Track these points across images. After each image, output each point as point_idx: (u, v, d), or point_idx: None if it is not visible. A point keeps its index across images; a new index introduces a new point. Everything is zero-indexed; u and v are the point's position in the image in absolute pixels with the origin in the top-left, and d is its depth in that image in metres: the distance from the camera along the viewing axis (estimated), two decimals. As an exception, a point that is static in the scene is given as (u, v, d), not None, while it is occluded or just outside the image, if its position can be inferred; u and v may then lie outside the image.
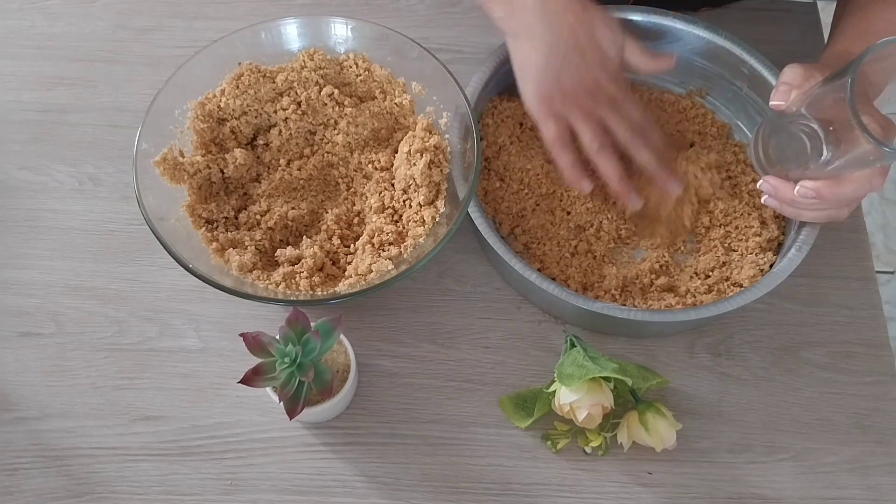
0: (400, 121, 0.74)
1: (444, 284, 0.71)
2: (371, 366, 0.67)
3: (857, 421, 0.66)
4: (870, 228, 1.36)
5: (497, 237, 0.65)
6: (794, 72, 0.63)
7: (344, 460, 0.64)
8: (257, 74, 0.72)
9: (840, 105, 0.53)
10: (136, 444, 0.64)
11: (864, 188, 0.58)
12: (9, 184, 0.75)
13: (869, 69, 0.62)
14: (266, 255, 0.68)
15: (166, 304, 0.70)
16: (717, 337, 0.69)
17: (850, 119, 0.52)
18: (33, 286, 0.70)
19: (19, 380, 0.66)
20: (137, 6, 0.86)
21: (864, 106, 0.54)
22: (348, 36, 0.74)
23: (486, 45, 0.82)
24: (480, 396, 0.66)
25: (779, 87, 0.62)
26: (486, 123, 0.75)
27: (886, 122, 0.57)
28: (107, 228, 0.73)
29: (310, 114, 0.73)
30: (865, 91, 0.63)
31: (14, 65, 0.82)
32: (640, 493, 0.63)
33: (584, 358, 0.61)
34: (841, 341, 0.69)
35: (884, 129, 0.56)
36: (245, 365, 0.58)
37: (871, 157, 0.54)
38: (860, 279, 0.72)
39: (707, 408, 0.66)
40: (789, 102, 0.60)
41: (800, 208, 0.62)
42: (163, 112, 0.69)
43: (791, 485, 0.63)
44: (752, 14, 0.85)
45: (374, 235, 0.67)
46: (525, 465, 0.64)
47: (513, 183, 0.72)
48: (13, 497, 0.62)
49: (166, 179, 0.68)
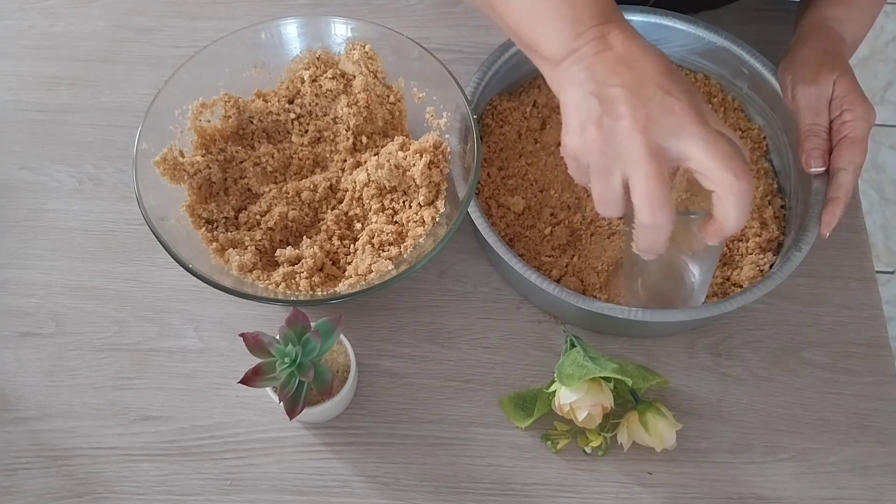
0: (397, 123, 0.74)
1: (444, 284, 0.71)
2: (371, 366, 0.67)
3: (857, 421, 0.66)
4: (870, 228, 1.36)
5: (497, 237, 0.65)
6: (807, 99, 0.65)
7: (344, 460, 0.64)
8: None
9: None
10: (136, 444, 0.64)
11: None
12: (9, 184, 0.75)
13: (839, 26, 0.67)
14: (266, 255, 0.68)
15: (166, 304, 0.70)
16: (717, 337, 0.69)
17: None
18: (33, 286, 0.70)
19: (19, 380, 0.66)
20: (137, 6, 0.86)
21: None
22: (348, 36, 0.74)
23: (486, 45, 0.82)
24: (480, 396, 0.66)
25: (809, 139, 0.64)
26: (486, 123, 0.75)
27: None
28: (107, 228, 0.73)
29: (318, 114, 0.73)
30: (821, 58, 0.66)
31: (14, 65, 0.82)
32: (640, 493, 0.63)
33: (584, 358, 0.61)
34: (841, 341, 0.69)
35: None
36: (245, 365, 0.58)
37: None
38: (860, 279, 0.72)
39: (707, 408, 0.66)
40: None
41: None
42: (163, 112, 0.69)
43: (791, 485, 0.63)
44: (752, 14, 0.85)
45: (374, 235, 0.67)
46: (525, 465, 0.64)
47: (513, 183, 0.72)
48: (13, 497, 0.62)
49: (166, 179, 0.68)
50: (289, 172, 0.72)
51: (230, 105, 0.72)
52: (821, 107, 0.65)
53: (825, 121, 0.65)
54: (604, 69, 0.52)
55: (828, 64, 0.66)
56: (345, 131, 0.73)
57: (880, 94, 1.74)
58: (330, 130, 0.74)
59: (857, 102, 0.64)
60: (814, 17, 0.70)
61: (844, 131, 0.64)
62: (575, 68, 0.53)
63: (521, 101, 0.77)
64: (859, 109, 0.64)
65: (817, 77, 0.66)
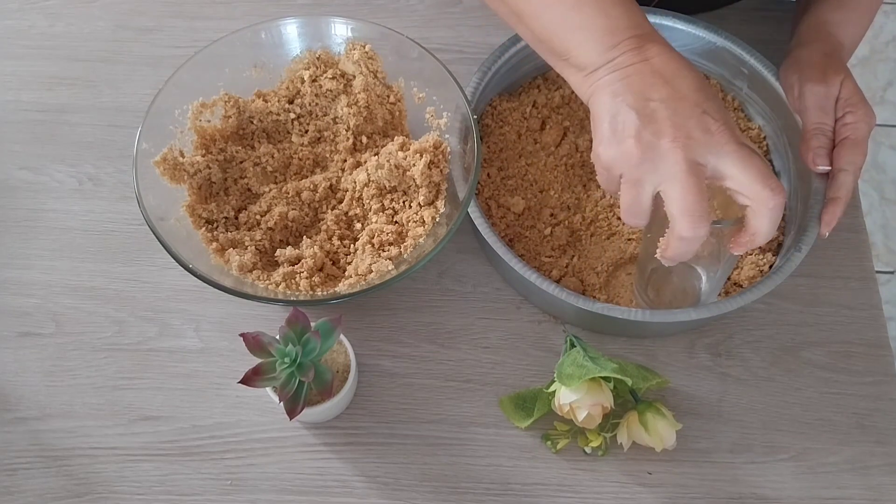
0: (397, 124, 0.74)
1: (444, 284, 0.71)
2: (371, 366, 0.67)
3: (857, 421, 0.66)
4: (870, 228, 1.36)
5: (497, 237, 0.65)
6: (816, 98, 0.65)
7: (344, 460, 0.64)
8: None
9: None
10: (136, 444, 0.64)
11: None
12: (9, 184, 0.75)
13: (837, 30, 0.67)
14: (266, 255, 0.68)
15: (166, 304, 0.70)
16: (717, 337, 0.69)
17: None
18: (33, 286, 0.70)
19: (19, 380, 0.66)
20: (137, 6, 0.86)
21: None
22: (348, 36, 0.74)
23: (486, 45, 0.82)
24: (480, 396, 0.66)
25: (815, 137, 0.64)
26: (486, 124, 0.75)
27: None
28: (107, 228, 0.73)
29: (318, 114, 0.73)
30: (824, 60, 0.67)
31: (14, 65, 0.82)
32: (640, 493, 0.63)
33: (584, 358, 0.61)
34: (841, 341, 0.69)
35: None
36: (245, 365, 0.58)
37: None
38: (860, 279, 0.72)
39: (707, 408, 0.66)
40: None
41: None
42: (163, 112, 0.69)
43: (791, 485, 0.63)
44: (752, 14, 0.85)
45: (374, 235, 0.67)
46: (525, 465, 0.64)
47: (513, 183, 0.72)
48: (13, 497, 0.62)
49: (166, 179, 0.68)
50: (289, 172, 0.72)
51: (230, 105, 0.72)
52: (828, 106, 0.66)
53: (832, 120, 0.66)
54: (641, 82, 0.53)
55: (832, 66, 0.66)
56: (345, 131, 0.73)
57: (880, 94, 1.74)
58: (330, 130, 0.74)
59: (859, 105, 0.65)
60: (812, 21, 0.70)
61: (846, 133, 0.65)
62: (610, 78, 0.54)
63: (521, 101, 0.77)
64: (861, 112, 0.64)
65: (825, 77, 0.66)
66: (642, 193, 0.53)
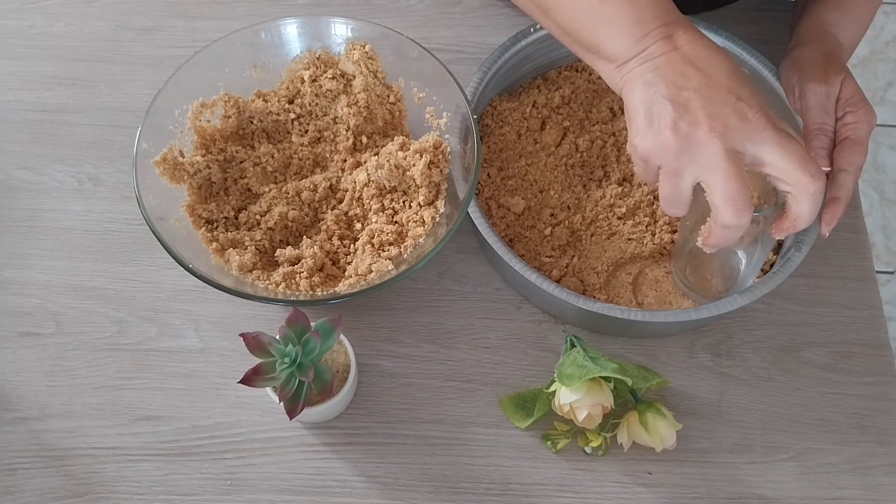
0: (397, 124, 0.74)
1: (444, 284, 0.71)
2: (371, 366, 0.67)
3: (857, 421, 0.66)
4: (870, 228, 1.36)
5: (497, 237, 0.65)
6: (817, 98, 0.64)
7: (344, 460, 0.64)
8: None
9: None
10: (136, 444, 0.64)
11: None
12: (9, 184, 0.75)
13: (836, 31, 0.67)
14: (266, 255, 0.68)
15: (166, 304, 0.70)
16: (717, 337, 0.69)
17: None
18: (33, 286, 0.70)
19: (19, 380, 0.66)
20: (137, 6, 0.86)
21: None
22: (348, 36, 0.74)
23: (486, 45, 0.82)
24: (480, 396, 0.66)
25: (817, 137, 0.64)
26: (486, 124, 0.75)
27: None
28: (107, 228, 0.73)
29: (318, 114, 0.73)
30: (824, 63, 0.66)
31: (14, 65, 0.82)
32: (640, 493, 0.63)
33: (584, 358, 0.61)
34: (841, 341, 0.69)
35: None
36: (245, 365, 0.58)
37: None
38: (860, 279, 0.72)
39: (707, 408, 0.66)
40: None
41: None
42: (163, 112, 0.69)
43: (791, 485, 0.63)
44: (752, 14, 0.85)
45: (374, 235, 0.67)
46: (525, 465, 0.64)
47: (513, 184, 0.72)
48: (13, 497, 0.62)
49: (166, 179, 0.68)
50: (289, 172, 0.72)
51: (230, 105, 0.72)
52: (829, 106, 0.66)
53: (833, 120, 0.66)
54: (672, 71, 0.53)
55: (833, 65, 0.66)
56: (345, 131, 0.73)
57: (880, 94, 1.74)
58: (330, 130, 0.74)
59: (860, 105, 0.65)
60: (811, 22, 0.70)
61: (846, 133, 0.65)
62: (641, 69, 0.54)
63: (521, 101, 0.77)
64: (861, 112, 0.64)
65: (826, 76, 0.66)
66: (682, 184, 0.53)
